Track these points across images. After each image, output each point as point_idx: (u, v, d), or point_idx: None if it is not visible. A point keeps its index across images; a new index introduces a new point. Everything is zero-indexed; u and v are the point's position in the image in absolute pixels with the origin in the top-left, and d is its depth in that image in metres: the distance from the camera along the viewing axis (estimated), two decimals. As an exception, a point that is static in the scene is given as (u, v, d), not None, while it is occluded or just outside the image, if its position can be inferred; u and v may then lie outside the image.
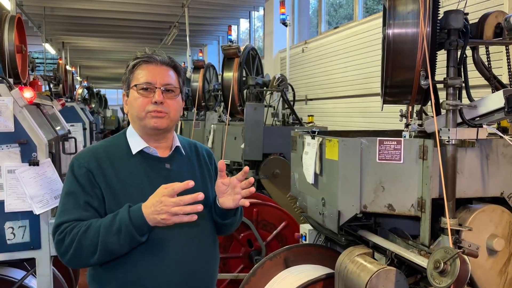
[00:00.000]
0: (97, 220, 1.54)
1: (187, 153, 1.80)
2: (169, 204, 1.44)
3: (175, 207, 1.44)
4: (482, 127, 1.91)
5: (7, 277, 2.87)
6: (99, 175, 1.60)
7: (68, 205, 1.58)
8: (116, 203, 1.58)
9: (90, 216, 1.57)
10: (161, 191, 1.48)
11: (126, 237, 1.49)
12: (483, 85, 2.32)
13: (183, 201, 1.45)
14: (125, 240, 1.49)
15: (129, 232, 1.48)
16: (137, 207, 1.50)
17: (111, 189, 1.60)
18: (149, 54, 1.68)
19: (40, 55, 15.31)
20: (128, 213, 1.49)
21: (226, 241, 3.52)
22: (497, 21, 1.99)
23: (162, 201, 1.45)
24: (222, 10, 12.56)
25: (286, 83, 5.11)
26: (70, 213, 1.57)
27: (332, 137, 2.15)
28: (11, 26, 3.04)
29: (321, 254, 2.53)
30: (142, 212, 1.48)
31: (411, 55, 1.92)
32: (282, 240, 3.64)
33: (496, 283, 1.98)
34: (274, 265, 2.49)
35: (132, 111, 1.68)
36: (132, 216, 1.49)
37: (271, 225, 3.64)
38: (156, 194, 1.49)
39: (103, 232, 1.50)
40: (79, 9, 11.69)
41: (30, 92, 2.63)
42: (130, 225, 1.48)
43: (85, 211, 1.57)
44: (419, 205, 1.97)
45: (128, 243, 1.51)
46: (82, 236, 1.51)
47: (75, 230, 1.52)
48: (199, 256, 1.68)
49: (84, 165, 1.61)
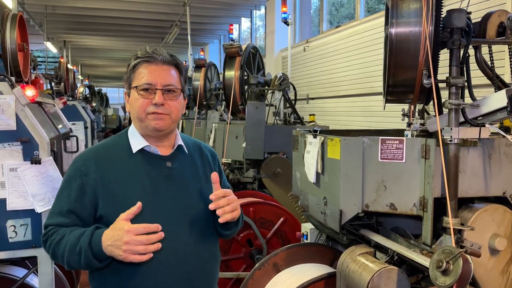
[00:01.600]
0: (71, 231, 1.55)
1: (190, 152, 1.78)
2: (133, 242, 1.42)
3: (140, 246, 1.42)
4: (485, 127, 1.91)
5: (9, 275, 2.88)
6: (95, 178, 1.60)
7: (55, 208, 1.63)
8: (115, 203, 1.58)
9: (70, 223, 1.59)
10: (121, 224, 1.45)
11: (85, 259, 1.50)
12: (485, 85, 2.32)
13: (150, 240, 1.43)
14: (84, 262, 1.50)
15: (88, 257, 1.49)
16: (100, 233, 1.49)
17: (110, 189, 1.59)
18: (150, 53, 1.66)
19: (42, 54, 15.33)
20: (90, 237, 1.50)
21: (226, 244, 3.52)
22: (500, 20, 1.99)
23: (123, 238, 1.42)
24: (224, 9, 12.56)
25: (287, 82, 5.10)
26: (54, 217, 1.61)
27: (334, 136, 2.15)
28: (13, 24, 3.04)
29: (310, 253, 2.51)
30: (101, 239, 1.48)
31: (414, 54, 1.91)
32: (282, 236, 3.65)
33: (498, 282, 1.98)
34: (264, 273, 2.47)
35: (133, 111, 1.67)
36: (92, 241, 1.49)
37: (269, 223, 3.65)
38: (116, 226, 1.46)
39: (68, 249, 1.52)
40: (81, 8, 11.70)
41: (32, 90, 2.63)
42: (88, 250, 1.48)
43: (66, 218, 1.59)
44: (421, 205, 1.97)
45: (88, 265, 1.52)
46: (56, 244, 1.56)
47: (53, 236, 1.57)
48: (199, 256, 1.67)
49: (80, 169, 1.62)
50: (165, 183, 1.65)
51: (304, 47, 9.50)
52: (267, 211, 3.65)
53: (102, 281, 1.62)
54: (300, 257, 2.50)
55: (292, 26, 8.49)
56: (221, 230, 1.77)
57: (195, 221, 1.64)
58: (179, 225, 1.59)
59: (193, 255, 1.65)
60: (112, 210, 1.57)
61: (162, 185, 1.64)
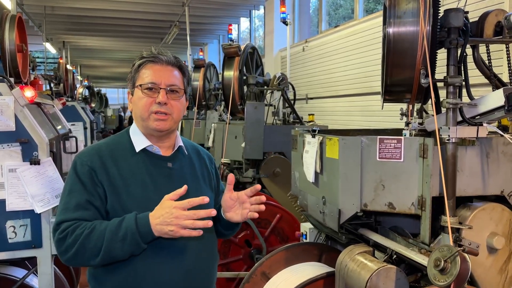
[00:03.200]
0: (101, 222, 1.54)
1: (189, 154, 1.81)
2: (182, 217, 1.45)
3: (188, 220, 1.45)
4: (482, 126, 1.92)
5: (9, 275, 2.88)
6: (101, 173, 1.60)
7: (69, 203, 1.58)
8: (118, 201, 1.59)
9: (91, 215, 1.57)
10: (169, 202, 1.48)
11: (131, 244, 1.50)
12: (483, 84, 2.32)
13: (198, 215, 1.47)
14: (129, 247, 1.51)
15: (135, 240, 1.50)
16: (144, 215, 1.51)
17: (114, 187, 1.60)
18: (155, 54, 1.69)
19: (41, 55, 15.32)
20: (135, 220, 1.50)
21: (225, 247, 3.53)
22: (497, 19, 1.99)
23: (173, 213, 1.46)
24: (223, 9, 12.55)
25: (286, 82, 5.10)
26: (71, 212, 1.56)
27: (332, 136, 2.15)
28: (12, 25, 3.04)
29: (295, 253, 2.50)
30: (149, 221, 1.49)
31: (411, 54, 1.92)
32: (279, 233, 3.66)
33: (496, 281, 1.99)
34: (254, 284, 2.45)
35: (136, 110, 1.69)
36: (139, 224, 1.50)
37: (266, 221, 3.66)
38: (164, 205, 1.49)
39: (108, 237, 1.50)
40: (80, 8, 11.69)
41: (31, 91, 2.64)
42: (136, 233, 1.49)
43: (86, 210, 1.57)
44: (419, 204, 1.97)
45: (132, 250, 1.52)
46: (86, 238, 1.51)
47: (78, 231, 1.52)
48: (198, 255, 1.68)
49: (87, 164, 1.61)
50: (165, 183, 1.66)
51: (303, 47, 9.50)
52: None
53: (101, 280, 1.63)
54: (287, 260, 2.48)
55: (291, 26, 8.50)
56: (223, 230, 1.80)
57: None
58: None
59: (192, 254, 1.66)
60: (117, 207, 1.58)
61: (163, 185, 1.65)
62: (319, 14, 9.86)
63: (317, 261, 2.48)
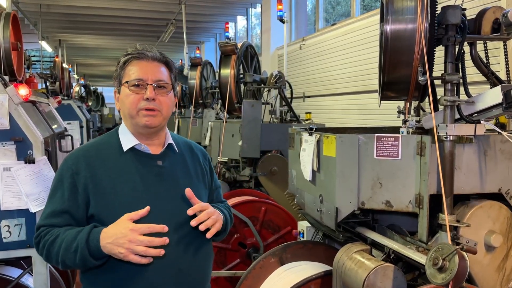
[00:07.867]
0: (65, 230, 1.55)
1: (181, 151, 1.78)
2: (136, 242, 1.43)
3: (140, 246, 1.43)
4: (480, 123, 1.91)
5: (4, 275, 2.86)
6: (86, 176, 1.59)
7: (47, 209, 1.61)
8: (106, 202, 1.57)
9: (62, 222, 1.57)
10: (126, 223, 1.46)
11: (81, 258, 1.49)
12: (481, 81, 2.32)
13: (152, 243, 1.44)
14: (80, 261, 1.49)
15: (83, 255, 1.48)
16: (98, 230, 1.49)
17: (100, 188, 1.58)
18: (140, 50, 1.66)
19: (37, 53, 15.24)
20: (87, 234, 1.49)
21: (220, 256, 3.52)
22: (495, 16, 1.99)
23: (127, 235, 1.43)
24: (219, 7, 12.53)
25: (283, 80, 5.09)
26: (47, 218, 1.59)
27: (329, 134, 2.14)
28: (7, 23, 3.02)
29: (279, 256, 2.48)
30: (99, 237, 1.47)
31: (409, 51, 1.91)
32: (270, 226, 3.70)
33: (494, 279, 1.98)
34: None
35: (123, 108, 1.66)
36: (90, 239, 1.48)
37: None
38: (120, 224, 1.47)
39: (64, 247, 1.51)
40: (76, 7, 11.64)
41: (25, 89, 2.62)
42: (85, 248, 1.47)
43: (59, 218, 1.57)
44: (417, 202, 1.97)
45: (83, 264, 1.51)
46: (51, 244, 1.54)
47: (47, 237, 1.55)
48: (191, 254, 1.66)
49: (71, 168, 1.61)
50: (155, 181, 1.64)
51: (300, 45, 9.48)
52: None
53: (93, 280, 1.61)
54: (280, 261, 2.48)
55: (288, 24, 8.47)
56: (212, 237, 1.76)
57: (186, 220, 1.63)
58: (170, 224, 1.57)
59: (185, 253, 1.64)
60: (104, 208, 1.56)
61: (153, 184, 1.63)
62: (316, 12, 9.84)
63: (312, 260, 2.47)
